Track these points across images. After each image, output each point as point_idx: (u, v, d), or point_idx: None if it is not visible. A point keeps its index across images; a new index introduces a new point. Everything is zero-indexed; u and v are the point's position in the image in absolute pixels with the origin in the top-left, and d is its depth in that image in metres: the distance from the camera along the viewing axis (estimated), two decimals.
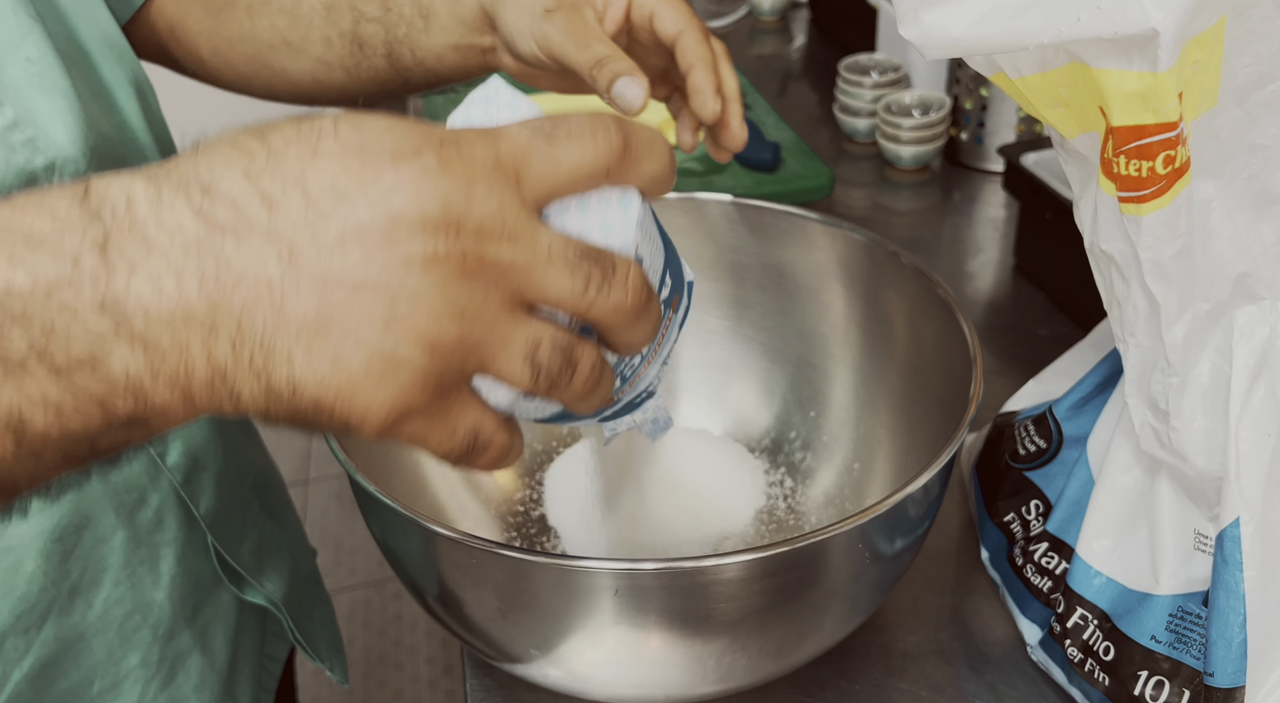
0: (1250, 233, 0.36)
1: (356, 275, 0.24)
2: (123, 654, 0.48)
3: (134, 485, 0.47)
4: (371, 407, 0.25)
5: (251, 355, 0.24)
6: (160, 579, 0.49)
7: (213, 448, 0.52)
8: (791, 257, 0.58)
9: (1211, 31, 0.31)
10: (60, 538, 0.45)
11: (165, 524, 0.49)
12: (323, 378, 0.24)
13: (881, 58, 0.98)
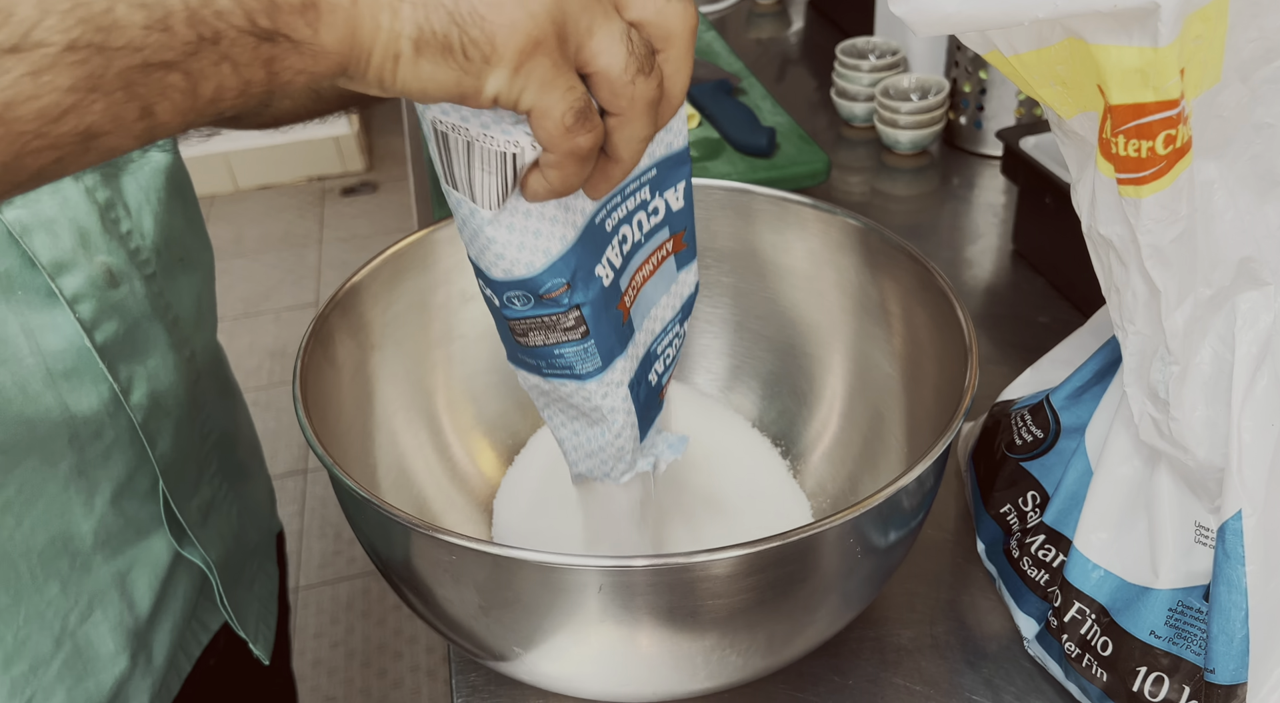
0: (1254, 215, 0.35)
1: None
2: (44, 580, 0.48)
3: (91, 417, 0.48)
4: (516, 22, 0.29)
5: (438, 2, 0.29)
6: (92, 512, 0.49)
7: (177, 395, 0.52)
8: (786, 243, 0.57)
9: (1215, 4, 0.30)
10: (5, 452, 0.45)
11: (112, 460, 0.49)
12: (487, 23, 0.29)
13: (879, 41, 0.97)
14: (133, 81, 0.26)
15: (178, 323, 0.53)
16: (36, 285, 0.45)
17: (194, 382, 0.54)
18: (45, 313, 0.46)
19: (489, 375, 0.56)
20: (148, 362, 0.50)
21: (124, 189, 0.50)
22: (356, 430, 0.49)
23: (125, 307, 0.49)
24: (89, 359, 0.47)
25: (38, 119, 0.26)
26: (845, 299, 0.55)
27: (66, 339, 0.46)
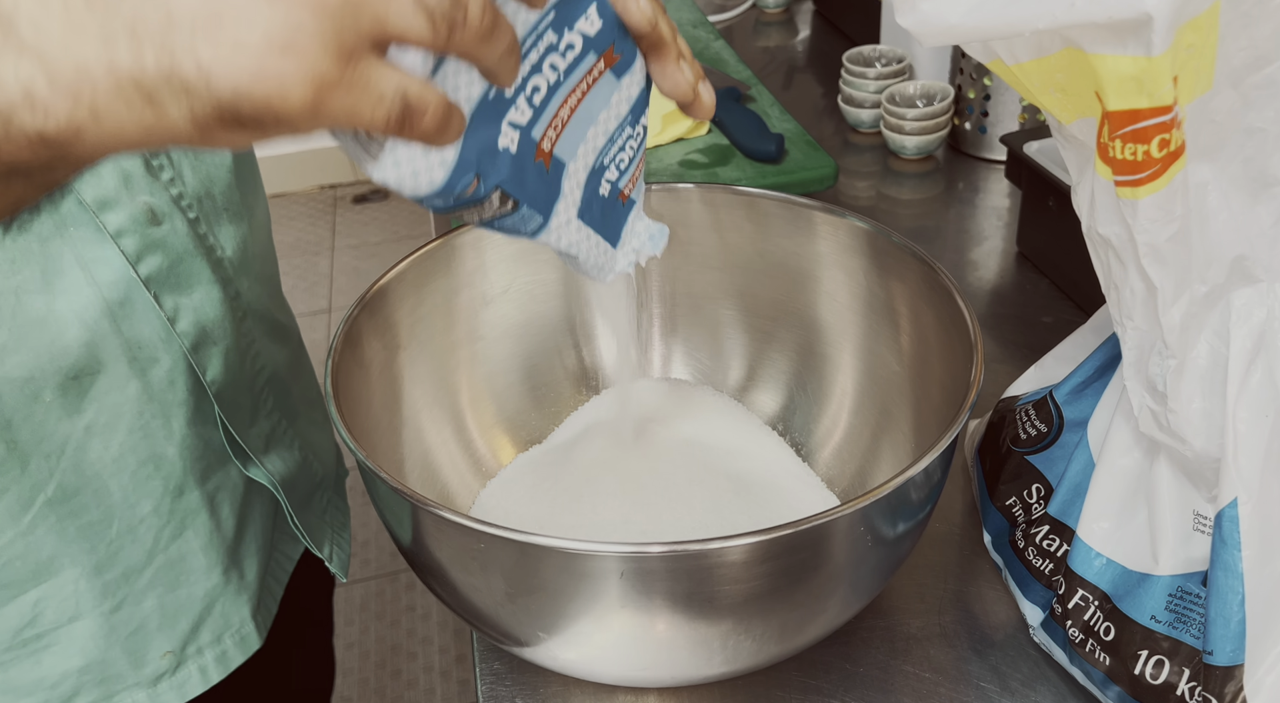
0: (1247, 215, 0.37)
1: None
2: (136, 500, 0.54)
3: (146, 343, 0.52)
4: (286, 80, 0.26)
5: (156, 60, 0.26)
6: (173, 436, 0.54)
7: (224, 328, 0.55)
8: (796, 246, 0.58)
9: (1206, 15, 0.31)
10: (76, 377, 0.50)
11: (177, 386, 0.54)
12: (230, 62, 0.26)
13: (885, 49, 0.99)
14: None
15: (221, 263, 0.56)
16: (85, 221, 0.49)
17: (240, 319, 0.57)
18: (96, 247, 0.49)
19: (509, 375, 0.58)
20: (192, 294, 0.54)
21: None
22: (384, 427, 0.50)
23: (168, 243, 0.52)
24: (138, 289, 0.51)
25: None
26: (854, 300, 0.57)
27: (115, 271, 0.50)
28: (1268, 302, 0.38)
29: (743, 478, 0.53)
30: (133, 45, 0.26)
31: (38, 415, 0.50)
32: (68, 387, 0.50)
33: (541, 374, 0.59)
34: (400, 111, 0.28)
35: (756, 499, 0.52)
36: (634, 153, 0.42)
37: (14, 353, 0.48)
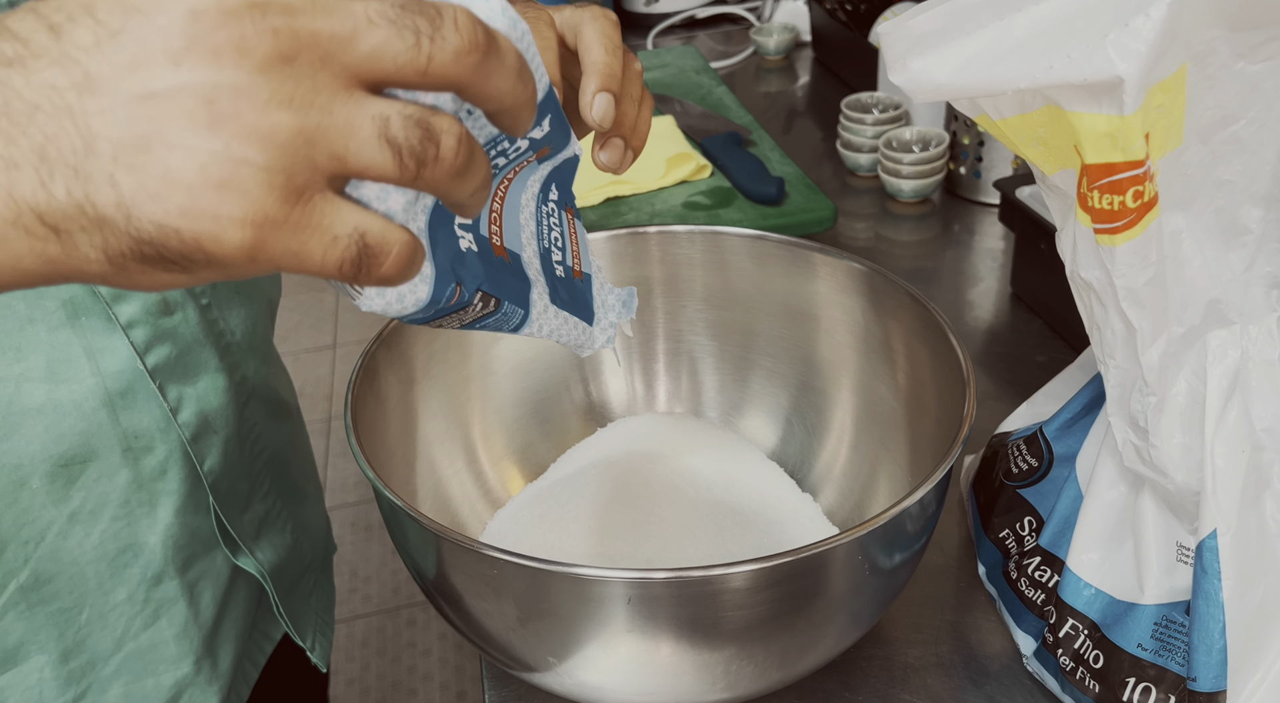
0: (1220, 262, 0.39)
1: (166, 82, 0.22)
2: (112, 587, 0.52)
3: (143, 432, 0.51)
4: (222, 219, 0.23)
5: (67, 188, 0.22)
6: (156, 524, 0.53)
7: (226, 416, 0.55)
8: (796, 286, 0.61)
9: (1174, 78, 0.34)
10: (67, 465, 0.49)
11: (169, 475, 0.53)
12: (157, 195, 0.22)
13: (882, 96, 1.02)
14: None
15: (229, 348, 0.56)
16: (98, 311, 0.49)
17: (244, 403, 0.58)
18: (105, 337, 0.50)
19: (518, 409, 0.60)
20: (197, 383, 0.54)
21: None
22: (399, 458, 0.52)
23: (178, 332, 0.52)
24: (142, 380, 0.51)
25: None
26: (852, 338, 0.59)
27: (122, 361, 0.50)
28: (1241, 343, 0.40)
29: (745, 509, 0.55)
30: (40, 169, 0.22)
31: (22, 502, 0.49)
32: (56, 474, 0.49)
33: (550, 407, 0.61)
34: (356, 255, 0.24)
35: (758, 530, 0.54)
36: (563, 228, 0.40)
37: (5, 440, 0.48)
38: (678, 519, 0.54)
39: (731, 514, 0.55)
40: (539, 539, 0.53)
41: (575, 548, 0.52)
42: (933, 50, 0.36)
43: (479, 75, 0.25)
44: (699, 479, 0.58)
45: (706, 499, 0.56)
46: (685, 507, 0.55)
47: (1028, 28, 0.34)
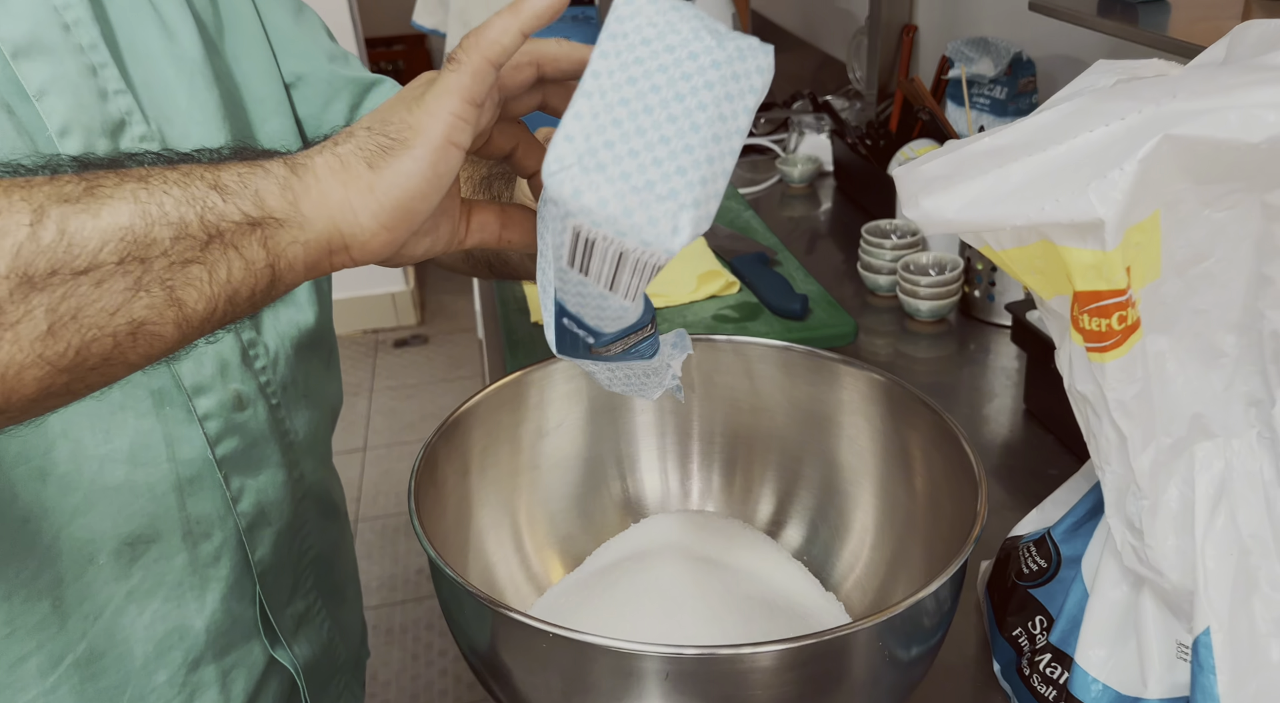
0: (1201, 380, 0.44)
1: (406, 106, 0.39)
2: (155, 668, 0.55)
3: (204, 518, 0.56)
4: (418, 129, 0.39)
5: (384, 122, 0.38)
6: (203, 610, 0.57)
7: (281, 509, 0.60)
8: (820, 394, 0.65)
9: (1149, 221, 0.39)
10: (131, 543, 0.53)
11: (221, 561, 0.57)
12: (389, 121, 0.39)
13: (900, 222, 1.09)
14: (166, 279, 0.36)
15: (291, 446, 0.61)
16: (180, 403, 0.55)
17: (299, 500, 0.62)
18: (183, 427, 0.55)
19: (562, 500, 0.64)
20: (259, 476, 0.59)
21: (264, 332, 0.61)
22: (454, 541, 0.57)
23: (247, 427, 0.58)
24: (210, 469, 0.56)
25: (99, 315, 0.35)
26: (873, 444, 0.64)
27: (195, 450, 0.55)
28: (1225, 454, 0.44)
29: (771, 603, 0.58)
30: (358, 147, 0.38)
31: (88, 576, 0.53)
32: (122, 552, 0.53)
33: (589, 501, 0.66)
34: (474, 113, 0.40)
35: (784, 622, 0.57)
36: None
37: (83, 516, 0.52)
38: (708, 611, 0.58)
39: (759, 607, 0.58)
40: (577, 625, 0.57)
41: (611, 634, 0.55)
42: (941, 191, 0.42)
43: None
44: (727, 575, 0.62)
45: (735, 593, 0.60)
46: (715, 599, 0.59)
47: (1023, 175, 0.40)
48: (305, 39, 0.67)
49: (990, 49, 1.09)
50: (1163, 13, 0.82)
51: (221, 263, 0.37)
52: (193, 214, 0.36)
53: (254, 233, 0.37)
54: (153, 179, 0.36)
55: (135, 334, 0.36)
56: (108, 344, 0.35)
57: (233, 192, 0.37)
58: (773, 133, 1.53)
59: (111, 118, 0.53)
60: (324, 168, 0.38)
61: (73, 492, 0.52)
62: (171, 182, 0.37)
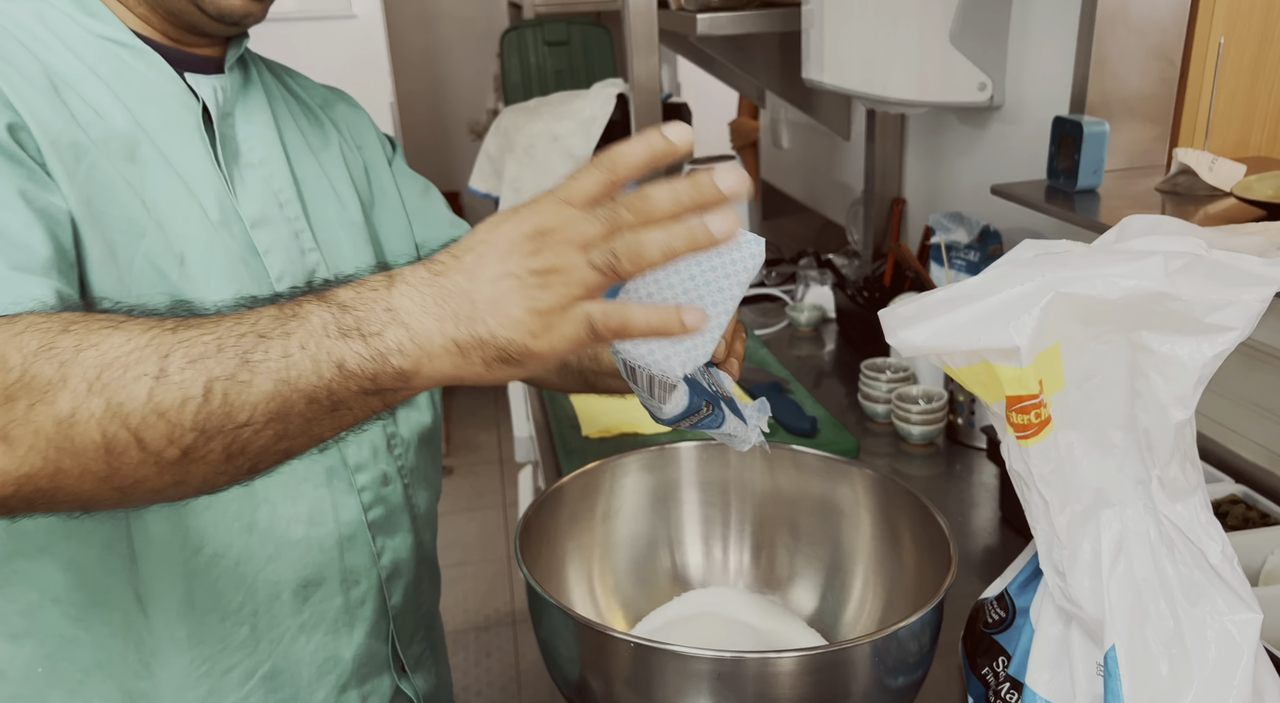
0: (1100, 464, 0.61)
1: (502, 270, 0.45)
2: (315, 688, 0.71)
3: (356, 569, 0.73)
4: (537, 330, 0.44)
5: (468, 329, 0.44)
6: (351, 643, 0.73)
7: (409, 567, 0.76)
8: (828, 489, 0.83)
9: (1052, 348, 0.58)
10: (305, 586, 0.70)
11: (366, 605, 0.73)
12: (505, 325, 0.44)
13: (893, 360, 1.28)
14: (302, 427, 0.46)
15: (415, 518, 0.79)
16: (344, 477, 0.73)
17: (419, 561, 0.79)
18: (346, 496, 0.73)
19: (625, 567, 0.80)
20: (395, 538, 0.76)
21: (400, 428, 0.79)
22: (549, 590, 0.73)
23: (389, 499, 0.76)
24: (362, 530, 0.73)
25: (258, 450, 0.45)
26: (871, 529, 0.80)
27: (353, 515, 0.73)
28: (1122, 519, 0.61)
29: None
30: (455, 323, 0.45)
31: (275, 610, 0.71)
32: (298, 592, 0.71)
33: (646, 570, 0.82)
34: (585, 324, 0.45)
35: None
36: (719, 378, 0.69)
37: (274, 562, 0.70)
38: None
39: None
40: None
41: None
42: (913, 326, 0.61)
43: (647, 214, 0.45)
44: (756, 635, 0.77)
45: (759, 648, 0.75)
46: (747, 647, 0.74)
47: (968, 317, 0.59)
48: (430, 210, 0.89)
49: (965, 221, 1.32)
50: (1094, 201, 1.04)
51: (348, 415, 0.47)
52: (324, 390, 0.45)
53: (375, 397, 0.46)
54: (293, 353, 0.45)
55: (287, 454, 0.48)
56: (269, 460, 0.48)
57: (354, 374, 0.45)
58: (782, 284, 1.75)
59: (307, 268, 0.73)
60: (443, 353, 0.45)
61: (268, 543, 0.70)
62: (307, 357, 0.44)
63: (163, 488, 0.45)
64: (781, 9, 1.49)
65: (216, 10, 0.65)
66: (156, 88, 0.66)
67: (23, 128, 0.57)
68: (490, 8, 4.28)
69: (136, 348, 0.44)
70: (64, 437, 0.43)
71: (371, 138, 0.86)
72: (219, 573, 0.68)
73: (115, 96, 0.64)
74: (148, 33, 0.68)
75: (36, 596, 0.66)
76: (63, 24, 0.64)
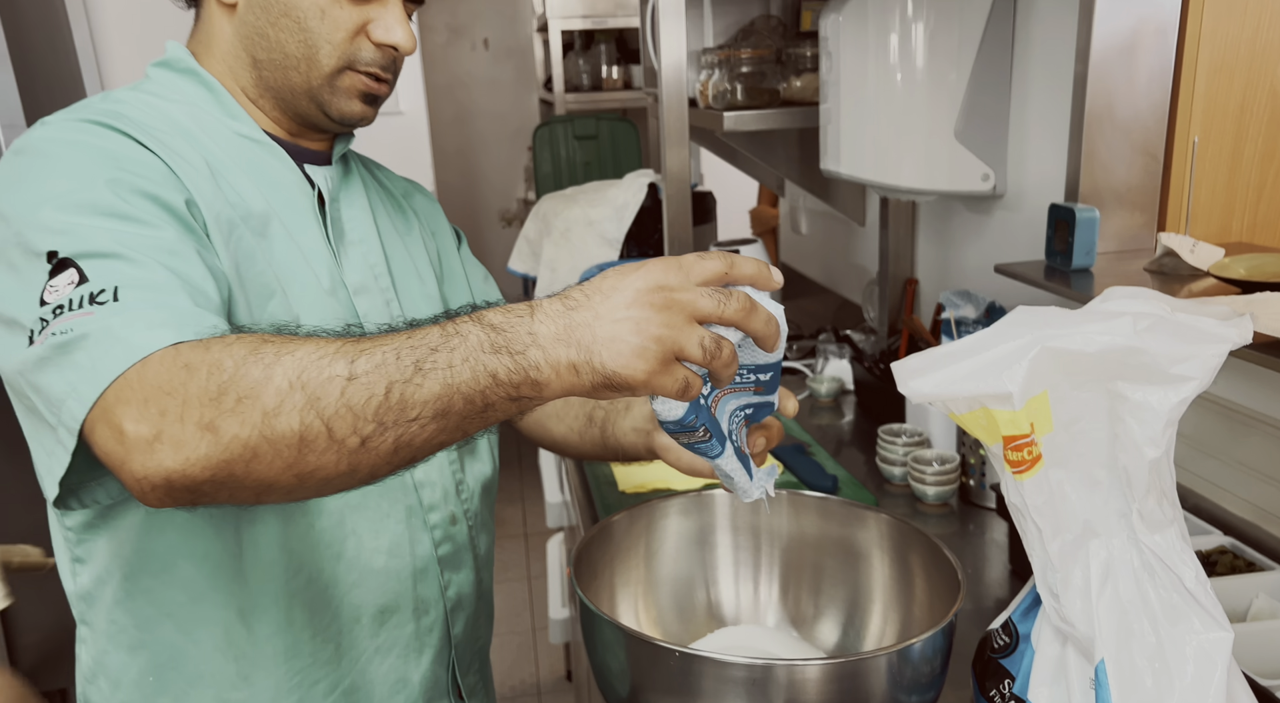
0: (1087, 499, 0.70)
1: (624, 315, 0.55)
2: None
3: (425, 600, 0.82)
4: (639, 370, 0.54)
5: (585, 357, 0.54)
6: (419, 667, 0.82)
7: (470, 602, 0.86)
8: (849, 533, 0.91)
9: (1041, 395, 0.68)
10: (382, 612, 0.80)
11: (433, 633, 0.83)
12: (615, 359, 0.54)
13: (909, 426, 1.37)
14: (458, 424, 0.55)
15: (477, 558, 0.88)
16: (420, 516, 0.83)
17: (479, 599, 0.88)
18: (421, 533, 0.83)
19: (665, 600, 0.89)
20: (460, 574, 0.85)
21: (466, 475, 0.89)
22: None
23: (456, 538, 0.85)
24: (433, 564, 0.83)
25: (422, 443, 0.55)
26: (888, 569, 0.89)
27: (425, 550, 0.83)
28: (1108, 548, 0.70)
29: None
30: (579, 351, 0.55)
31: (355, 632, 0.80)
32: (376, 617, 0.81)
33: (685, 602, 0.90)
34: (682, 387, 0.57)
35: None
36: (742, 430, 0.76)
37: (358, 588, 0.79)
38: None
39: None
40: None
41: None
42: (921, 376, 0.71)
43: (747, 320, 0.59)
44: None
45: None
46: None
47: (968, 368, 0.69)
48: (489, 293, 1.02)
49: (972, 298, 1.43)
50: (1089, 279, 1.14)
51: (494, 415, 0.57)
52: (478, 394, 0.55)
53: (514, 404, 0.57)
54: (456, 365, 0.55)
55: (441, 446, 0.59)
56: (426, 451, 0.59)
57: (504, 382, 0.55)
58: (803, 358, 1.85)
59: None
60: (567, 372, 0.56)
61: (353, 571, 0.79)
62: (467, 369, 0.55)
63: (335, 476, 0.55)
64: (800, 107, 1.64)
65: (339, 115, 0.79)
66: (282, 176, 0.79)
67: (193, 204, 0.70)
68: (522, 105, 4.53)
69: (326, 355, 0.55)
70: (267, 425, 0.53)
71: (444, 226, 0.99)
72: (312, 595, 0.77)
73: (252, 182, 0.76)
74: (274, 131, 0.81)
75: (154, 611, 0.75)
76: (212, 123, 0.77)
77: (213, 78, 0.79)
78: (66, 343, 0.58)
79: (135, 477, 0.53)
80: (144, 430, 0.53)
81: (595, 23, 3.60)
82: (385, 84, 0.80)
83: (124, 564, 0.74)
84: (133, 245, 0.62)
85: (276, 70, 0.78)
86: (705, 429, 0.69)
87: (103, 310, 0.58)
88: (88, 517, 0.75)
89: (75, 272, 0.60)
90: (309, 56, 0.77)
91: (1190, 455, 1.15)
